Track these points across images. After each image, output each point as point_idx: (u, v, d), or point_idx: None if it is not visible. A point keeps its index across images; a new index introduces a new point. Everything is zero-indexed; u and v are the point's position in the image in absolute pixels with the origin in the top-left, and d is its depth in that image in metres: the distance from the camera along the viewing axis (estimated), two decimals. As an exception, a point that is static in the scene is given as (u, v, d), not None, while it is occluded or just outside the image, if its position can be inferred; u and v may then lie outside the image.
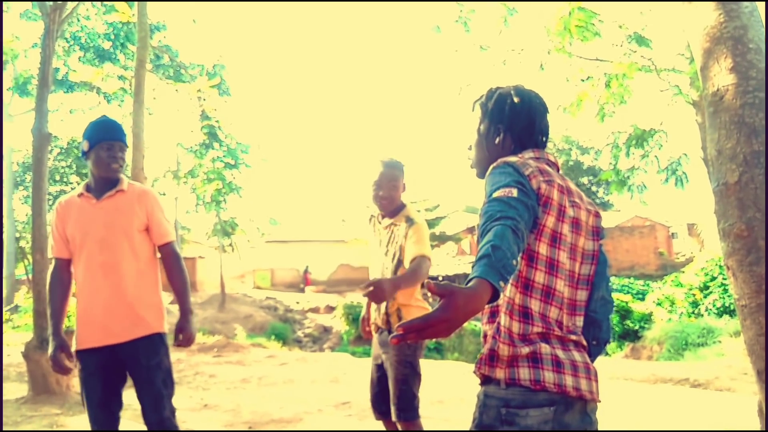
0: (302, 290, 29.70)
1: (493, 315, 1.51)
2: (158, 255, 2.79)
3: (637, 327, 17.94)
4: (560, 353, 1.46)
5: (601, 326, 1.66)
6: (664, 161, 9.60)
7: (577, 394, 1.43)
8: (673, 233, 31.14)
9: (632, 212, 33.49)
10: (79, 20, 20.31)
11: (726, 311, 14.91)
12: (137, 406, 2.64)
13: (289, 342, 19.02)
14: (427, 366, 3.93)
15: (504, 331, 1.45)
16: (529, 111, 1.76)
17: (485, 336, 1.52)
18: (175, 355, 9.55)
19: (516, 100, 1.77)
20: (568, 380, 1.43)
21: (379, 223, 3.13)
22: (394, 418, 2.91)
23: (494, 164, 1.55)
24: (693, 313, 15.83)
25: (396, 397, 2.89)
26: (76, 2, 6.58)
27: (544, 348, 1.44)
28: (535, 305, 1.46)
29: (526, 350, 1.43)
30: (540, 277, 1.48)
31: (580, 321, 1.59)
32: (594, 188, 44.91)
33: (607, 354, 15.19)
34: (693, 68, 7.76)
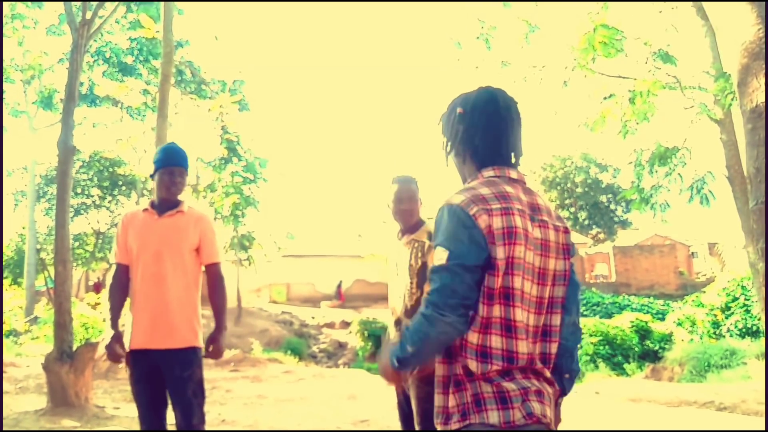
0: (337, 305, 29.71)
1: (447, 355, 1.52)
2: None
3: (657, 347, 17.64)
4: (511, 385, 1.45)
5: (573, 356, 1.64)
6: (688, 180, 9.45)
7: (530, 420, 1.44)
8: (693, 252, 30.72)
9: (651, 231, 33.15)
10: (102, 35, 20.67)
11: (748, 333, 14.61)
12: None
13: (305, 357, 18.94)
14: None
15: (459, 375, 1.49)
16: (487, 123, 1.63)
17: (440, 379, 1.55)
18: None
19: (460, 111, 1.65)
20: (516, 414, 1.44)
21: (399, 240, 3.14)
22: None
23: (441, 205, 1.53)
24: (714, 334, 15.53)
25: (420, 416, 2.85)
26: (105, 18, 6.66)
27: (492, 387, 1.45)
28: (495, 342, 1.46)
29: (477, 391, 1.46)
30: (497, 311, 1.47)
31: (554, 348, 1.56)
32: (612, 206, 44.54)
33: (627, 374, 14.94)
34: (718, 86, 7.68)
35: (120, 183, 25.65)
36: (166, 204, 2.98)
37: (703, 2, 7.92)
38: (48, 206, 24.84)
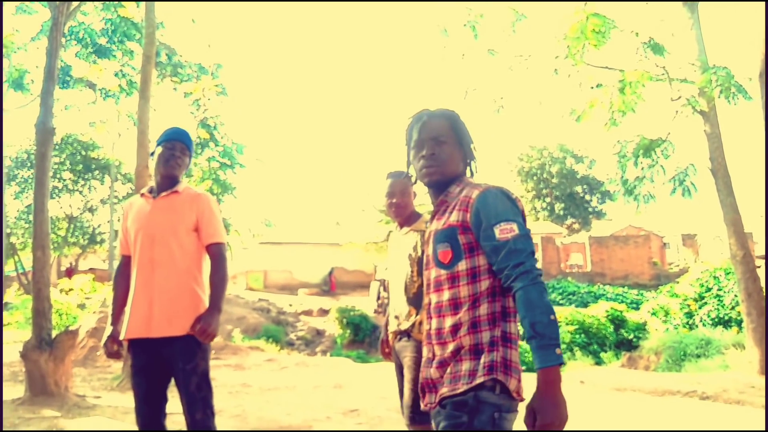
0: (327, 292, 29.59)
1: (456, 328, 1.72)
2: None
3: (631, 336, 17.98)
4: (516, 358, 1.72)
5: None
6: (671, 171, 9.54)
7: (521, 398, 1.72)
8: (666, 243, 31.26)
9: (626, 222, 33.64)
10: (76, 15, 20.08)
11: (721, 322, 14.93)
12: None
13: (282, 344, 18.85)
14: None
15: (498, 340, 1.69)
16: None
17: (466, 347, 1.70)
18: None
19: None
20: (521, 387, 1.71)
21: (398, 231, 3.24)
22: (406, 421, 2.91)
23: (480, 191, 1.75)
24: (687, 323, 15.84)
25: (411, 399, 2.88)
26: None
27: (514, 355, 1.70)
28: (500, 307, 1.73)
29: (506, 357, 1.69)
30: (494, 282, 1.74)
31: None
32: (588, 197, 45.04)
33: (603, 363, 15.16)
34: (705, 77, 7.73)
35: (93, 167, 25.12)
36: (163, 185, 2.84)
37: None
38: (18, 189, 24.21)
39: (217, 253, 2.81)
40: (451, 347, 1.72)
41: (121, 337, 2.75)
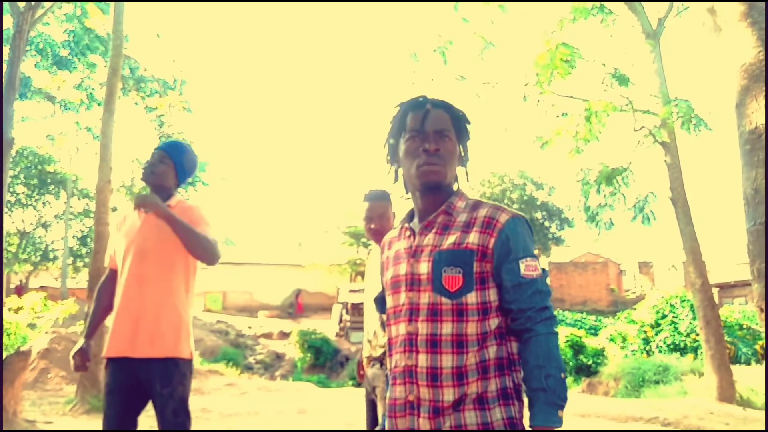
0: (291, 315, 29.02)
1: (461, 372, 1.47)
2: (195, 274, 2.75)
3: (590, 362, 18.13)
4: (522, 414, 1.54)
5: None
6: (631, 200, 9.76)
7: None
8: (622, 270, 31.93)
9: (584, 248, 34.26)
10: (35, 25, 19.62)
11: (676, 349, 15.21)
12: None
13: (241, 368, 18.42)
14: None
15: (512, 392, 1.49)
16: None
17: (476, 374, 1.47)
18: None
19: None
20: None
21: (379, 251, 3.13)
22: None
23: (507, 217, 1.53)
24: (645, 349, 16.10)
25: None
26: (53, 2, 6.25)
27: (521, 411, 1.53)
28: (506, 353, 1.52)
29: (517, 413, 1.50)
30: (502, 322, 1.54)
31: None
32: (547, 223, 45.82)
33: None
34: (667, 109, 7.96)
35: (48, 181, 24.36)
36: None
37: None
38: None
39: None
40: (450, 394, 1.45)
41: (103, 355, 2.60)
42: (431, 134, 1.55)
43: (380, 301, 1.81)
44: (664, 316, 16.40)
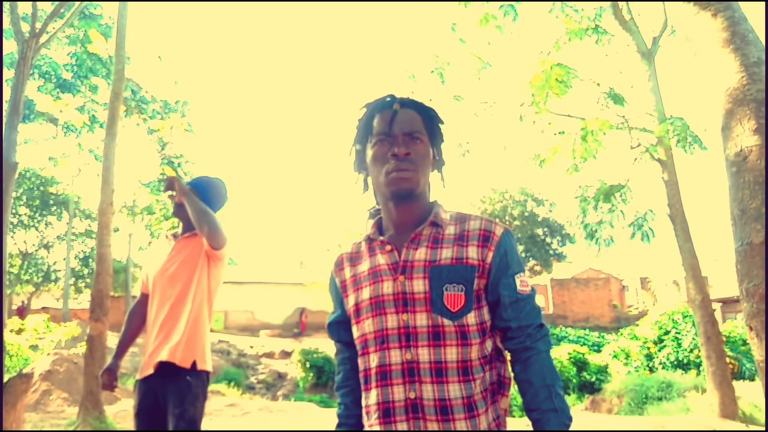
0: (297, 334, 28.96)
1: (471, 403, 1.33)
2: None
3: (593, 379, 18.08)
4: None
5: None
6: (630, 216, 9.82)
7: None
8: (625, 286, 31.88)
9: (586, 264, 34.25)
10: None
11: (680, 365, 15.15)
12: None
13: (243, 388, 18.35)
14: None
15: (500, 423, 1.40)
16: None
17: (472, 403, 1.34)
18: (129, 404, 9.05)
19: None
20: None
21: None
22: None
23: (500, 229, 1.42)
24: (648, 366, 16.04)
25: None
26: (56, 30, 6.37)
27: None
28: (497, 377, 1.43)
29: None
30: (495, 343, 1.45)
31: None
32: (548, 239, 45.83)
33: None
34: (663, 127, 8.04)
35: (51, 202, 24.49)
36: (184, 229, 2.90)
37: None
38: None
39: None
40: (463, 428, 1.31)
41: (138, 377, 2.72)
42: (400, 137, 1.40)
43: (337, 328, 1.56)
44: (666, 332, 16.36)
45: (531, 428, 1.35)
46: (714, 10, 2.64)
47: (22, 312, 22.06)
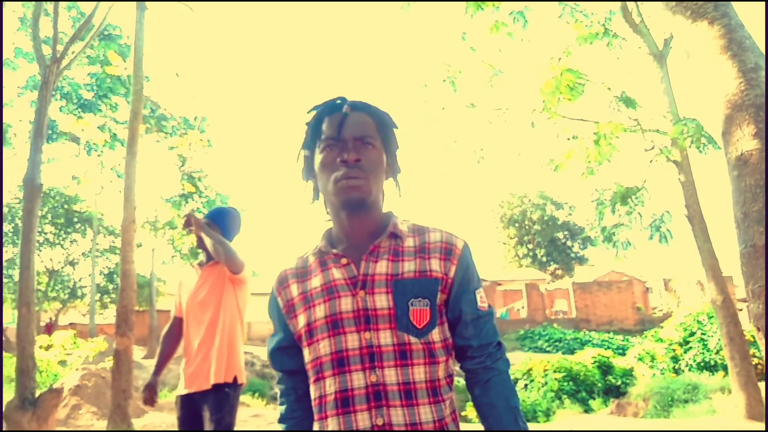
0: None
1: (443, 426, 1.25)
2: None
3: (619, 383, 17.87)
4: None
5: None
6: (647, 218, 9.78)
7: None
8: (648, 288, 31.53)
9: (608, 267, 33.96)
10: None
11: (706, 367, 14.94)
12: None
13: (266, 399, 18.48)
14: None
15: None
16: None
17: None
18: (156, 417, 9.21)
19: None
20: None
21: None
22: None
23: (460, 241, 1.35)
24: (674, 368, 15.85)
25: None
26: (76, 54, 6.58)
27: None
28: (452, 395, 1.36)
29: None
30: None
31: None
32: (569, 243, 45.53)
33: (592, 410, 15.07)
34: (677, 129, 8.03)
35: (75, 220, 24.98)
36: (208, 257, 3.18)
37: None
38: (-3, 244, 23.91)
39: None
40: None
41: (176, 393, 3.04)
42: (351, 142, 1.29)
43: (280, 355, 1.40)
44: (692, 334, 16.15)
45: None
46: (710, 18, 2.70)
47: (50, 328, 22.50)
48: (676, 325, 16.60)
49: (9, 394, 6.54)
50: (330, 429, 1.24)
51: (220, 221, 3.19)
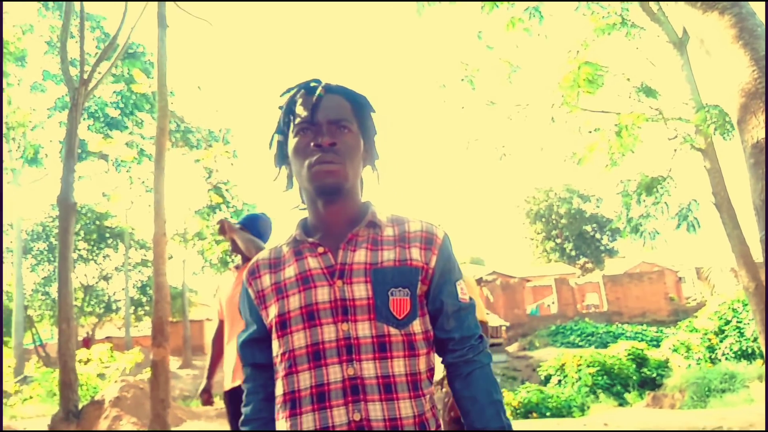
0: None
1: (423, 422, 1.19)
2: None
3: (654, 375, 17.68)
4: None
5: None
6: (674, 207, 9.67)
7: None
8: (681, 278, 31.03)
9: (639, 258, 33.49)
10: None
11: (744, 355, 14.70)
12: None
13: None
14: None
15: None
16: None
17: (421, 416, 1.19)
18: (194, 425, 9.41)
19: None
20: None
21: None
22: None
23: (438, 230, 1.31)
24: (710, 358, 15.60)
25: None
26: (102, 75, 6.79)
27: None
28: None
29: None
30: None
31: None
32: (598, 235, 44.99)
33: (628, 403, 14.93)
34: (699, 116, 7.95)
35: (107, 235, 25.53)
36: (244, 259, 3.32)
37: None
38: (34, 262, 24.57)
39: None
40: None
41: (223, 389, 3.20)
42: (325, 125, 1.22)
43: (251, 348, 1.33)
44: (727, 322, 15.89)
45: None
46: (721, 9, 2.72)
47: (87, 343, 23.02)
48: (710, 314, 16.34)
49: (53, 407, 6.76)
50: (305, 427, 1.16)
51: (253, 227, 3.34)
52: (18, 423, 10.18)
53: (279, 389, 1.22)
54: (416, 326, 1.21)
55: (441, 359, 1.30)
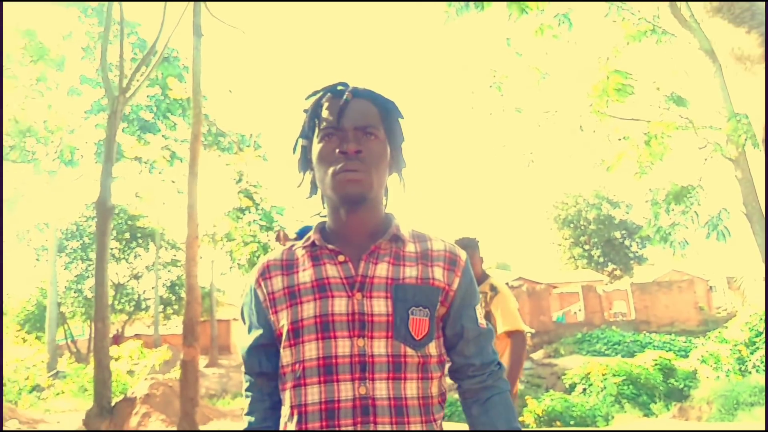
0: None
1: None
2: None
3: (682, 386, 17.41)
4: None
5: None
6: (704, 217, 9.59)
7: None
8: (711, 287, 30.46)
9: (668, 266, 32.98)
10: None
11: (776, 368, 14.41)
12: None
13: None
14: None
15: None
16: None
17: None
18: (224, 424, 9.59)
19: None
20: None
21: None
22: None
23: (461, 253, 1.28)
24: (740, 370, 15.32)
25: None
26: (140, 82, 7.01)
27: None
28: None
29: None
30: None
31: None
32: (627, 242, 44.37)
33: (654, 414, 14.74)
34: (731, 125, 7.88)
35: (138, 235, 26.07)
36: None
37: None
38: (68, 260, 25.21)
39: None
40: None
41: None
42: (351, 132, 1.18)
43: (258, 354, 1.26)
44: (759, 334, 15.59)
45: None
46: (747, 28, 2.76)
47: (117, 340, 23.52)
48: (741, 324, 16.06)
49: (84, 402, 6.98)
50: None
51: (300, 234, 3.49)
52: (52, 416, 10.50)
53: (286, 400, 1.18)
54: (432, 348, 1.18)
55: (457, 385, 1.28)
